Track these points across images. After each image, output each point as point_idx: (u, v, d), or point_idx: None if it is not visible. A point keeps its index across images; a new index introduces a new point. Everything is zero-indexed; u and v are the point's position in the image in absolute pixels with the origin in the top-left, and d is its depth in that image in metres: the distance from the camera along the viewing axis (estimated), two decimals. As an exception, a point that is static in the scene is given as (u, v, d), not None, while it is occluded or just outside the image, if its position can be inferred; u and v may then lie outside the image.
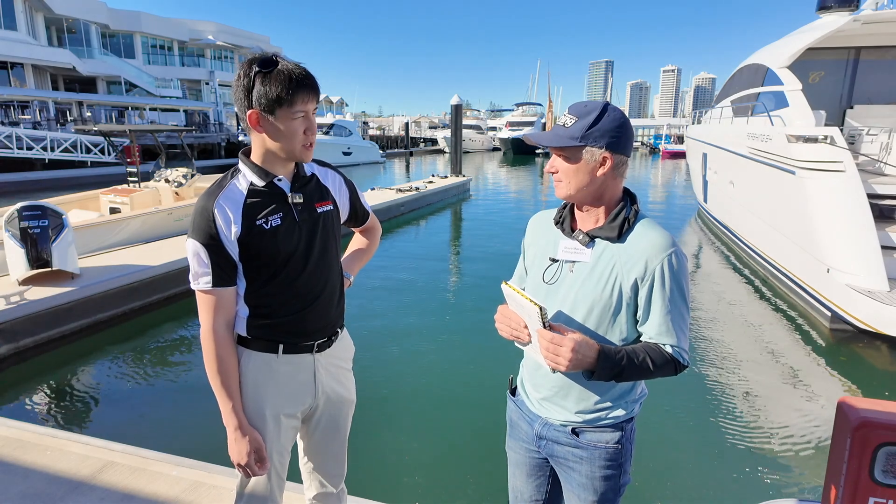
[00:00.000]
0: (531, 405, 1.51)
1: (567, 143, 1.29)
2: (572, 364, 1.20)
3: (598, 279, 1.32)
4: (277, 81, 1.31)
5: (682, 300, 1.31)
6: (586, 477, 1.42)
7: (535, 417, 1.49)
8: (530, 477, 1.57)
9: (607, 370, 1.23)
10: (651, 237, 1.30)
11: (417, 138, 58.69)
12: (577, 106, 1.33)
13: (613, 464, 1.41)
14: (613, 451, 1.40)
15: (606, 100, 1.37)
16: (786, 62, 8.31)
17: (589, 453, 1.40)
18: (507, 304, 1.38)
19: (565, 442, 1.43)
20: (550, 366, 1.23)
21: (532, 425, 1.50)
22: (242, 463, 1.45)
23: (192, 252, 1.40)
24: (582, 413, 1.40)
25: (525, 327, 1.31)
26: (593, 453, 1.40)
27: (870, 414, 1.27)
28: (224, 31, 43.92)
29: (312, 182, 1.54)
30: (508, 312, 1.36)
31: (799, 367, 5.30)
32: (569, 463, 1.44)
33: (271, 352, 1.49)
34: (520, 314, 1.32)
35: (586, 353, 1.21)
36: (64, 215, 5.83)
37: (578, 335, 1.22)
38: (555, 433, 1.44)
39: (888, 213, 6.53)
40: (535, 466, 1.55)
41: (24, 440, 2.90)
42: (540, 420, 1.47)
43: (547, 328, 1.22)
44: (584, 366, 1.22)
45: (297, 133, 1.37)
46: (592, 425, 1.40)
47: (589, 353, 1.21)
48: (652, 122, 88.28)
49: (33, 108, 29.00)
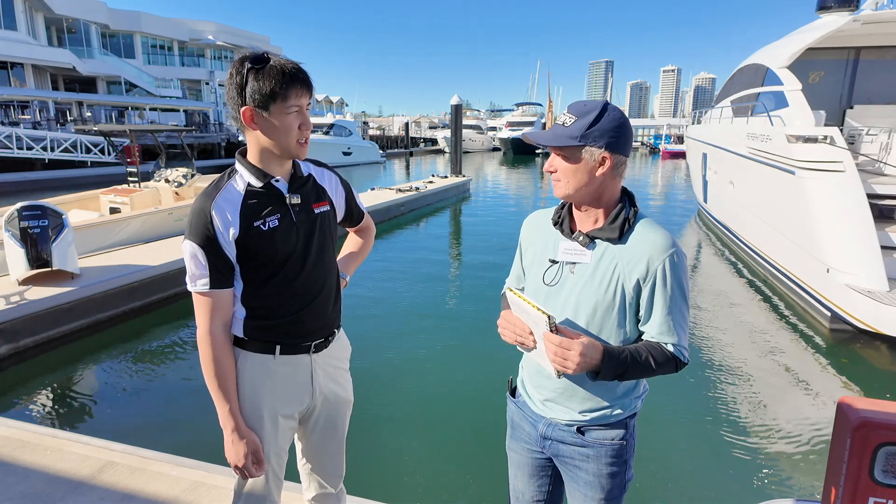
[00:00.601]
0: (534, 406, 1.50)
1: (566, 142, 1.29)
2: (580, 367, 1.21)
3: (600, 280, 1.32)
4: (270, 77, 1.31)
5: (682, 299, 1.32)
6: (593, 475, 1.43)
7: (539, 418, 1.49)
8: (532, 478, 1.57)
9: (612, 370, 1.25)
10: (652, 237, 1.31)
11: (417, 138, 58.69)
12: (576, 105, 1.32)
13: (618, 460, 1.42)
14: (618, 447, 1.41)
15: (606, 99, 1.36)
16: (786, 62, 8.31)
17: (595, 451, 1.41)
18: (511, 310, 1.37)
19: (571, 441, 1.43)
20: (558, 369, 1.24)
21: (535, 426, 1.50)
22: (240, 465, 1.45)
23: (189, 254, 1.39)
24: (587, 412, 1.40)
25: (530, 333, 1.30)
26: (599, 451, 1.41)
27: (870, 414, 1.27)
28: (224, 31, 43.91)
29: (309, 182, 1.54)
30: (512, 318, 1.35)
31: (798, 367, 5.29)
32: (575, 462, 1.44)
33: (268, 353, 1.49)
34: (524, 320, 1.31)
35: (593, 356, 1.23)
36: (64, 215, 5.83)
37: (585, 338, 1.24)
38: (560, 433, 1.44)
39: (888, 213, 6.53)
40: (538, 467, 1.55)
41: (24, 440, 2.90)
42: (544, 421, 1.47)
43: (554, 332, 1.22)
44: (591, 367, 1.24)
45: (292, 128, 1.37)
46: (597, 423, 1.40)
47: (595, 354, 1.23)
48: (652, 122, 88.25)
49: (33, 108, 28.99)
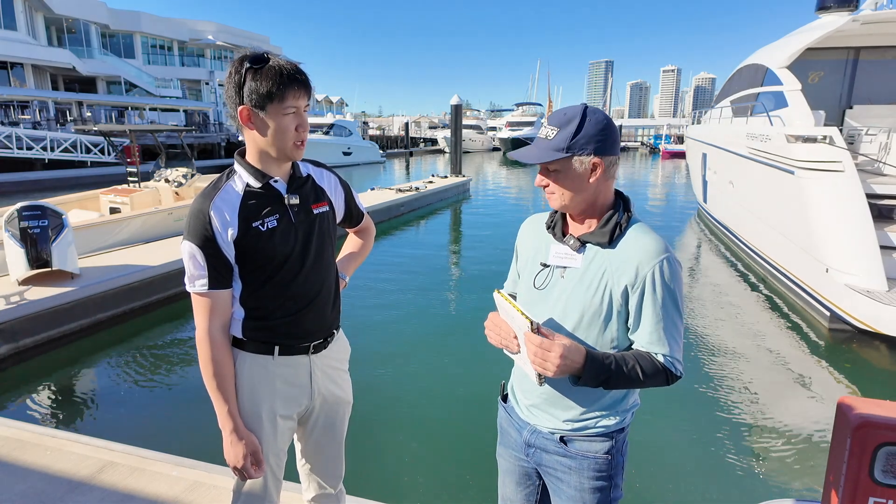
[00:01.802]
0: (520, 412, 1.47)
1: (553, 156, 1.25)
2: (559, 370, 1.17)
3: (588, 285, 1.29)
4: (268, 77, 1.30)
5: (674, 308, 1.26)
6: (575, 489, 1.37)
7: (524, 424, 1.45)
8: (519, 486, 1.53)
9: (594, 376, 1.20)
10: (642, 243, 1.26)
11: (417, 138, 58.71)
12: (556, 115, 1.29)
13: (603, 475, 1.36)
14: (603, 461, 1.35)
15: (584, 102, 1.34)
16: (785, 62, 8.32)
17: (578, 463, 1.36)
18: (498, 312, 1.35)
19: (553, 451, 1.39)
20: (538, 370, 1.21)
21: (521, 432, 1.46)
22: (238, 466, 1.44)
23: (187, 254, 1.39)
24: (570, 421, 1.36)
25: (514, 338, 1.28)
26: (582, 463, 1.36)
27: (870, 414, 1.28)
28: (224, 31, 43.91)
29: (308, 183, 1.54)
30: (498, 321, 1.33)
31: (798, 366, 5.30)
32: (557, 473, 1.40)
33: (267, 354, 1.48)
34: (510, 324, 1.29)
35: (574, 359, 1.18)
36: (64, 215, 5.83)
37: (567, 340, 1.20)
38: (543, 441, 1.40)
39: (887, 213, 6.53)
40: (524, 475, 1.51)
41: (24, 440, 2.90)
42: (528, 427, 1.44)
43: (535, 332, 1.20)
44: (572, 371, 1.20)
45: (289, 130, 1.36)
46: (581, 434, 1.35)
47: (577, 357, 1.19)
48: (652, 122, 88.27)
49: (33, 108, 28.97)
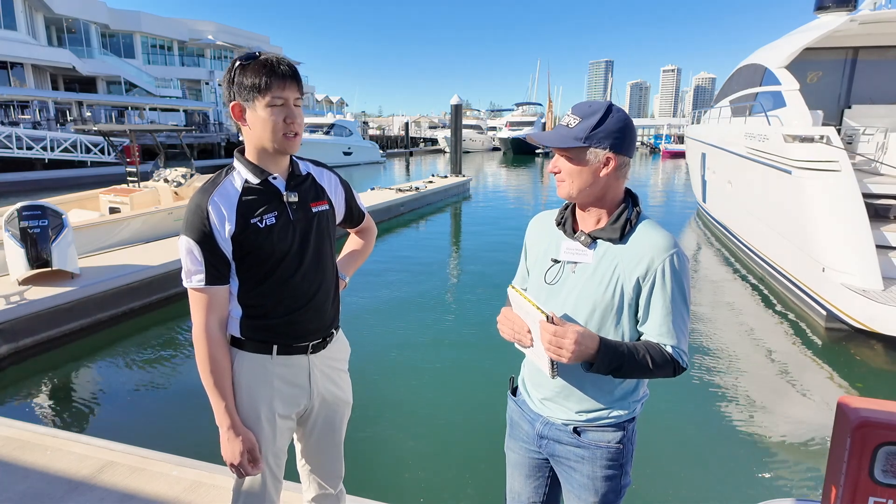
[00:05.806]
0: (533, 405, 1.51)
1: (571, 143, 1.29)
2: (574, 356, 1.20)
3: (600, 280, 1.32)
4: (254, 71, 1.33)
5: (682, 301, 1.31)
6: (587, 477, 1.42)
7: (537, 417, 1.49)
8: (529, 478, 1.57)
9: (607, 362, 1.24)
10: (653, 238, 1.30)
11: (417, 138, 58.69)
12: (581, 106, 1.32)
13: (615, 464, 1.40)
14: (615, 450, 1.39)
15: (610, 101, 1.36)
16: (784, 62, 8.32)
17: (591, 453, 1.40)
18: (512, 307, 1.37)
19: (567, 441, 1.43)
20: (552, 357, 1.23)
21: (533, 425, 1.50)
22: (235, 463, 1.44)
23: (185, 249, 1.39)
24: (584, 412, 1.40)
25: (528, 332, 1.30)
26: (595, 453, 1.40)
27: (869, 414, 1.28)
28: (224, 31, 43.90)
29: (308, 181, 1.54)
30: (512, 315, 1.36)
31: (795, 365, 5.30)
32: (570, 463, 1.44)
33: (265, 353, 1.48)
34: (524, 318, 1.31)
35: (588, 345, 1.22)
36: (64, 215, 5.83)
37: (581, 327, 1.23)
38: (556, 432, 1.44)
39: (883, 213, 6.53)
40: (535, 467, 1.55)
41: (24, 440, 2.90)
42: (541, 419, 1.47)
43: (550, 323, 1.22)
44: (586, 357, 1.23)
45: (277, 121, 1.37)
46: (594, 424, 1.39)
47: (591, 343, 1.22)
48: (652, 121, 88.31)
49: (33, 107, 28.95)
